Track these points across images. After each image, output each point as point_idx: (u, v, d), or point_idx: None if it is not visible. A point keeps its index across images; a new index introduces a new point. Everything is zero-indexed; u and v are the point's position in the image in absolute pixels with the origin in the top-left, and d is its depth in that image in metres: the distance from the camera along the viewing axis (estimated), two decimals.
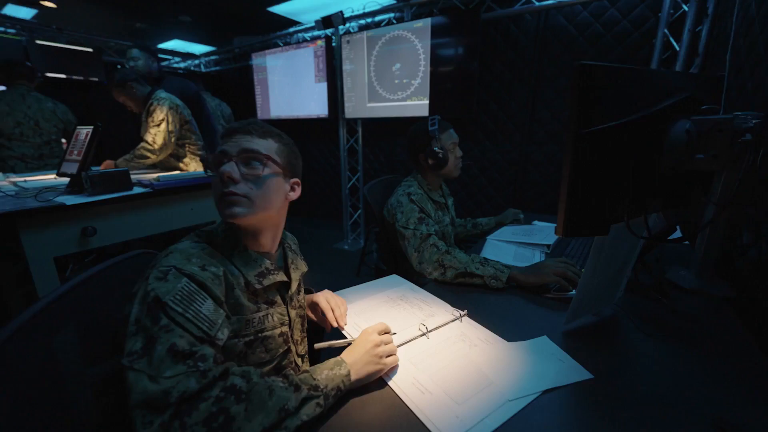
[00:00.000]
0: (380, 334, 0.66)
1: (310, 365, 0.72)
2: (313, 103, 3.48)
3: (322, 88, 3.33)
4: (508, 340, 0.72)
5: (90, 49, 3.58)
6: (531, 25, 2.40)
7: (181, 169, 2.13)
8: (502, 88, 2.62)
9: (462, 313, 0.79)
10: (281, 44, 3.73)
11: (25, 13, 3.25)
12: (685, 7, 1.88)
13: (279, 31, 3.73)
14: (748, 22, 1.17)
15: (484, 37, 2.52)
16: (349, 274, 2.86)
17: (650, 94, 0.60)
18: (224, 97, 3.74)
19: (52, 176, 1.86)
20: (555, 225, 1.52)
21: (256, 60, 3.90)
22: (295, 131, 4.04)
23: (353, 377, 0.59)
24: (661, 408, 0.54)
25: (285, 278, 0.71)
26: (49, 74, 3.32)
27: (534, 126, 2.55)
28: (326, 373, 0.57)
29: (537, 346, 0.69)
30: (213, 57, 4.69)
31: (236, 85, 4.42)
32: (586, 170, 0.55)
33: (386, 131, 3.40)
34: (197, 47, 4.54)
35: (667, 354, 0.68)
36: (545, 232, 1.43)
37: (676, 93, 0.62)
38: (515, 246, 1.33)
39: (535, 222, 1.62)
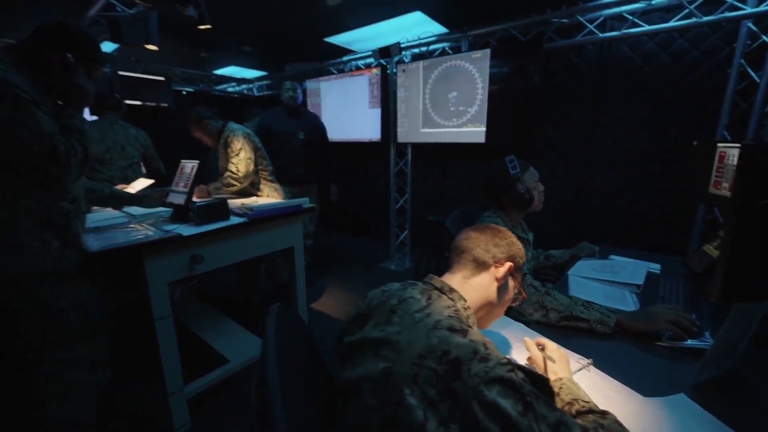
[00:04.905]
0: None
1: None
2: (365, 128, 3.61)
3: (376, 113, 3.46)
4: (641, 393, 0.73)
5: (162, 78, 3.92)
6: (593, 55, 2.41)
7: (257, 196, 2.28)
8: (560, 116, 2.62)
9: (588, 361, 0.80)
10: (335, 72, 3.91)
11: (109, 46, 3.62)
12: (765, 38, 1.84)
13: (332, 59, 3.92)
14: None
15: (543, 66, 2.55)
16: None
17: None
18: None
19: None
20: (636, 261, 1.50)
21: (310, 85, 4.10)
22: (347, 153, 4.20)
23: None
24: None
25: None
26: (127, 101, 3.65)
27: (594, 153, 2.53)
28: (583, 392, 0.68)
29: (676, 405, 0.69)
30: (265, 81, 4.98)
31: None
32: (748, 242, 0.58)
33: (435, 155, 3.47)
34: (250, 72, 4.85)
35: None
36: (629, 269, 1.41)
37: None
38: (601, 284, 1.31)
39: (612, 256, 1.59)
